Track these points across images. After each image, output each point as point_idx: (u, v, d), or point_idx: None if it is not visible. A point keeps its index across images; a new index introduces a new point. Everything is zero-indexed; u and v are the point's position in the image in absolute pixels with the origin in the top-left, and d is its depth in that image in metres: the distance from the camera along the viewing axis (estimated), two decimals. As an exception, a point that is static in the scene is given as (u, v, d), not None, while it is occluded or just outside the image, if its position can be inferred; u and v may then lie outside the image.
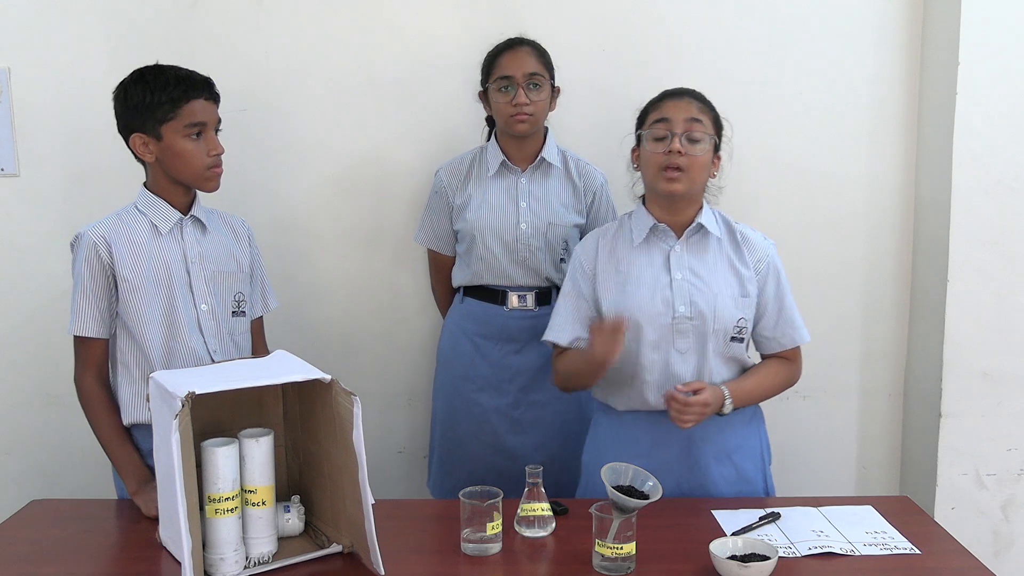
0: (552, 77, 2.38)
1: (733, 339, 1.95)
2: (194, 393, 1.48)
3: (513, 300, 2.44)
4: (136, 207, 1.97)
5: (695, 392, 1.85)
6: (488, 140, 2.48)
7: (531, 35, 2.41)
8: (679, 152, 1.87)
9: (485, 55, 2.40)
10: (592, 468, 2.07)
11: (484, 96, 2.42)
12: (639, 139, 1.98)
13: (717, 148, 1.96)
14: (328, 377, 1.58)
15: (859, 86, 2.69)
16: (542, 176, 2.43)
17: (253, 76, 2.61)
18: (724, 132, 1.98)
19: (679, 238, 1.97)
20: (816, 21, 2.66)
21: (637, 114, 2.01)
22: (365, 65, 2.65)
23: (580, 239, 2.46)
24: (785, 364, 2.04)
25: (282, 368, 1.66)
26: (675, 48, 2.67)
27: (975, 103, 2.50)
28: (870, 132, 2.70)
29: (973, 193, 2.53)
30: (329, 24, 2.63)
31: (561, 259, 2.43)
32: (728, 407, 1.92)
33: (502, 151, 2.42)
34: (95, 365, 1.95)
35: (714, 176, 1.99)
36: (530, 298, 2.44)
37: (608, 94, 2.66)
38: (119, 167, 2.61)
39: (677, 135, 1.88)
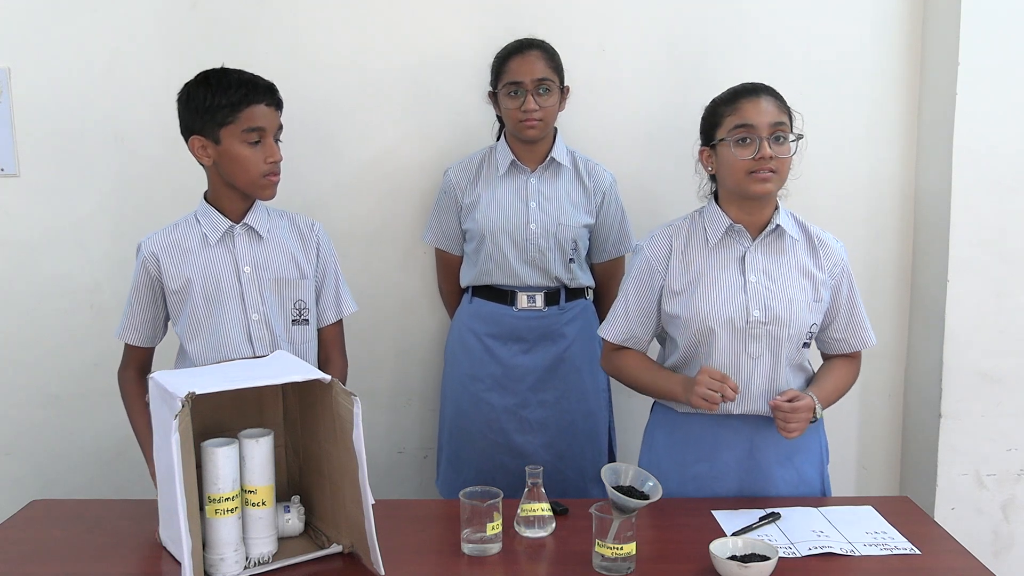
0: (561, 79, 2.37)
1: (804, 344, 1.94)
2: (194, 393, 1.48)
3: (522, 300, 2.44)
4: (195, 216, 1.99)
5: (790, 400, 1.84)
6: (498, 139, 2.48)
7: (539, 34, 2.40)
8: (769, 157, 1.82)
9: (494, 56, 2.39)
10: (648, 470, 2.04)
11: (493, 97, 2.41)
12: (707, 141, 1.91)
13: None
14: (328, 377, 1.58)
15: (859, 85, 2.68)
16: (552, 176, 2.43)
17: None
18: (795, 123, 1.91)
19: (754, 239, 1.93)
20: (816, 21, 2.66)
21: (703, 112, 1.94)
22: (371, 65, 2.63)
23: (589, 239, 2.47)
24: (853, 364, 2.03)
25: (282, 368, 1.66)
26: (675, 48, 2.66)
27: (975, 103, 2.50)
28: (870, 132, 2.70)
29: (973, 193, 2.53)
30: (333, 24, 2.61)
31: (570, 259, 2.42)
32: (820, 412, 1.89)
33: (512, 151, 2.42)
34: (136, 361, 2.05)
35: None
36: (539, 298, 2.43)
37: (614, 95, 2.66)
38: (119, 167, 2.63)
39: (764, 139, 1.83)
